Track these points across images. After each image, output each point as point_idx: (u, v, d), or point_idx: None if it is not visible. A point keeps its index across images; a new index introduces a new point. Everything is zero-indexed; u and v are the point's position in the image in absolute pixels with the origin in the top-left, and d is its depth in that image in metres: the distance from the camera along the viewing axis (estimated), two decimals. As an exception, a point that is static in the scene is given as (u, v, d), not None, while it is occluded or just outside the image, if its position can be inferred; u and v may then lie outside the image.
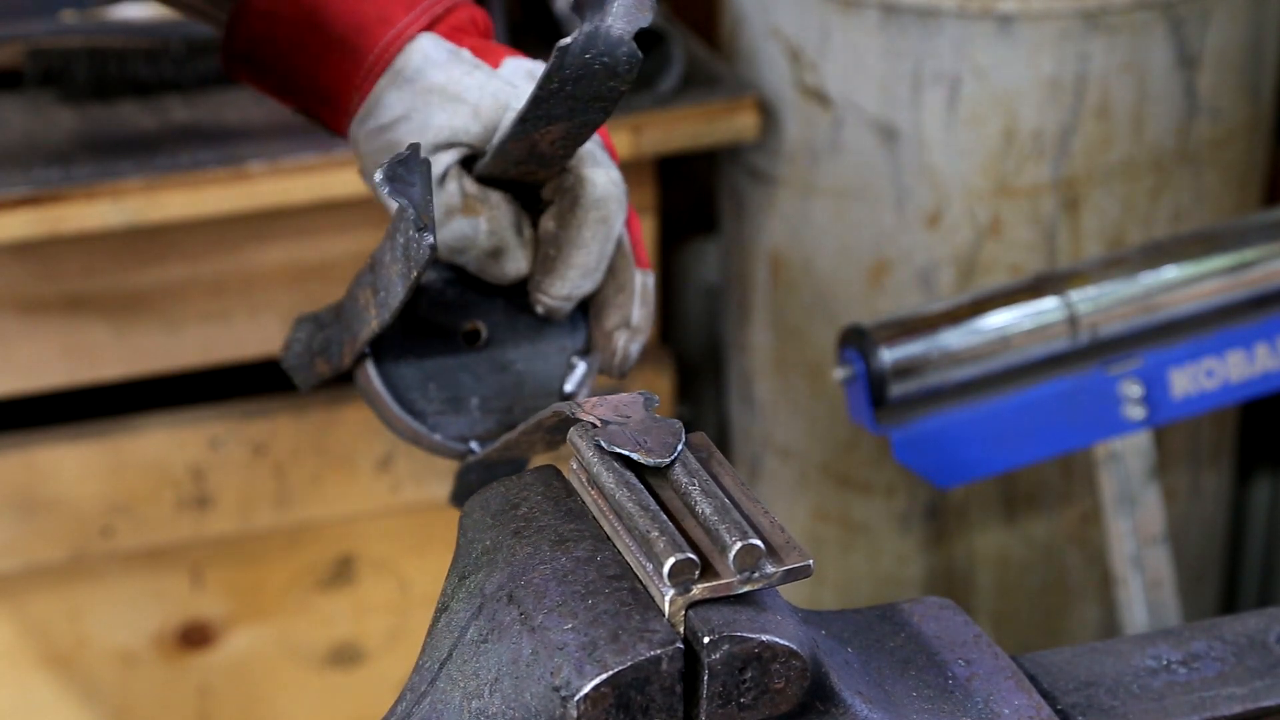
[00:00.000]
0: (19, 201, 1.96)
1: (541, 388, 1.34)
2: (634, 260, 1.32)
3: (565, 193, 1.29)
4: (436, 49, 1.30)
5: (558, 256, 1.29)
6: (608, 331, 1.33)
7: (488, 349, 1.34)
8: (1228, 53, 2.10)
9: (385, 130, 1.30)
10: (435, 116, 1.28)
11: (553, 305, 1.31)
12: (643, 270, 1.32)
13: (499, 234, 1.30)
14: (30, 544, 2.16)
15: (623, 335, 1.32)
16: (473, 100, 1.28)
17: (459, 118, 1.28)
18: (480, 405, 1.33)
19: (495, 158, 1.27)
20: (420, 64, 1.29)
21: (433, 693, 1.06)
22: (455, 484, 1.37)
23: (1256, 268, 1.90)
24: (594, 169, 1.29)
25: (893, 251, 2.13)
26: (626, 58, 1.16)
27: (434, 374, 1.32)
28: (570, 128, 1.22)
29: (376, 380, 1.30)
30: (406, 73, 1.29)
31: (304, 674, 2.31)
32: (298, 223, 2.10)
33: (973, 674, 1.12)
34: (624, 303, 1.32)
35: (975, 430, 1.84)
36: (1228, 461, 2.37)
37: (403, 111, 1.29)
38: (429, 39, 1.30)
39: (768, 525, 1.04)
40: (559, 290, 1.30)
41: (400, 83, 1.29)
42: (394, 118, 1.29)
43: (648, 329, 1.33)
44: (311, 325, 1.34)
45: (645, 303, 1.33)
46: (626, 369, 1.33)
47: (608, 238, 1.29)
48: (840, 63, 2.10)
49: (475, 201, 1.29)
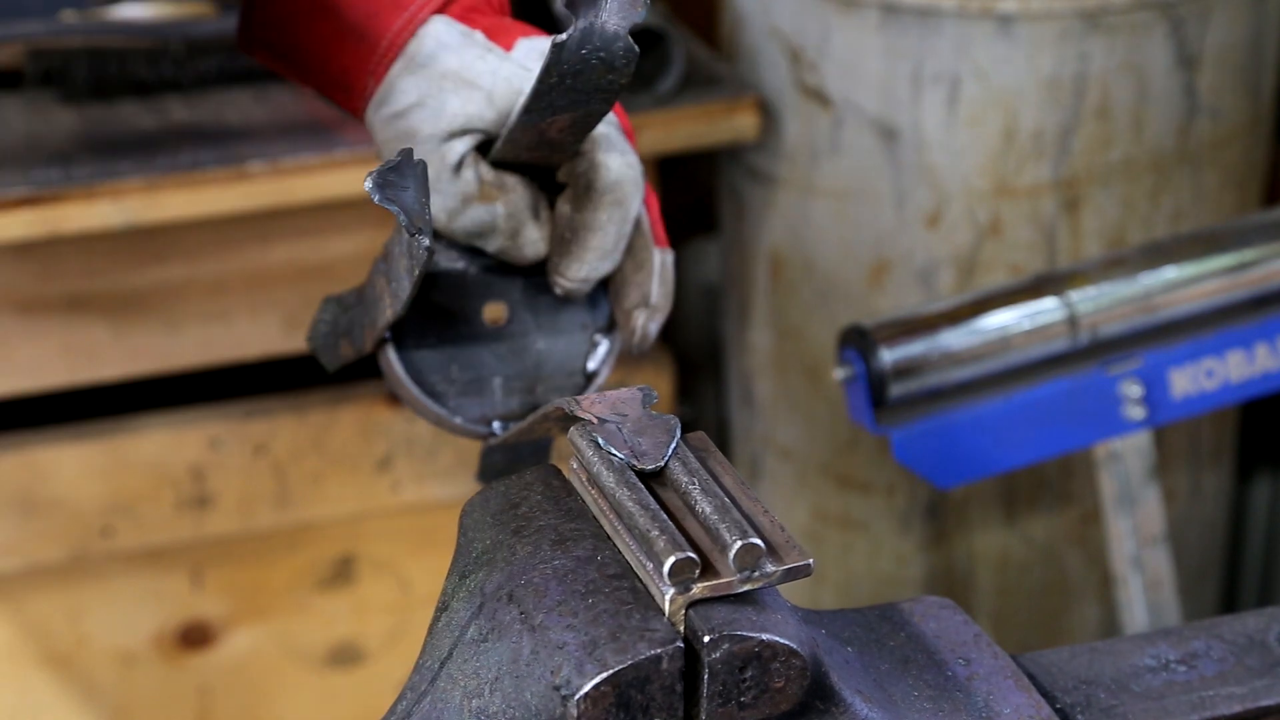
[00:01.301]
0: (19, 201, 1.96)
1: (563, 367, 1.34)
2: (653, 239, 1.32)
3: (580, 177, 1.29)
4: (449, 32, 1.30)
5: (573, 240, 1.30)
6: (626, 310, 1.33)
7: (509, 330, 1.34)
8: (1228, 53, 2.10)
9: (400, 117, 1.30)
10: (449, 103, 1.28)
11: (570, 287, 1.31)
12: (662, 249, 1.33)
13: (516, 217, 1.30)
14: (30, 544, 2.16)
15: (642, 314, 1.32)
16: (486, 85, 1.28)
17: (473, 104, 1.28)
18: (502, 386, 1.33)
19: (506, 144, 1.27)
20: (433, 49, 1.29)
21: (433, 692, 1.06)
22: (480, 464, 1.37)
23: (1256, 268, 1.90)
24: (608, 153, 1.29)
25: (893, 251, 2.13)
26: (623, 52, 1.16)
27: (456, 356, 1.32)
28: (576, 117, 1.22)
29: (397, 364, 1.30)
30: (420, 58, 1.29)
31: (304, 674, 2.31)
32: (298, 223, 2.10)
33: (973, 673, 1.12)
34: (643, 281, 1.32)
35: (975, 430, 1.84)
36: (1228, 461, 2.37)
37: (417, 98, 1.29)
38: (442, 22, 1.30)
39: (768, 524, 1.04)
40: (575, 273, 1.30)
41: (414, 68, 1.29)
42: (409, 104, 1.29)
43: (667, 308, 1.33)
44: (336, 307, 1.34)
45: (664, 281, 1.33)
46: (646, 347, 1.33)
47: (624, 220, 1.29)
48: (840, 63, 2.10)
49: (492, 188, 1.29)
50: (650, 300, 1.32)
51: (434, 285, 1.32)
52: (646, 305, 1.32)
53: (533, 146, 1.26)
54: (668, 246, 1.33)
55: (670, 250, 1.33)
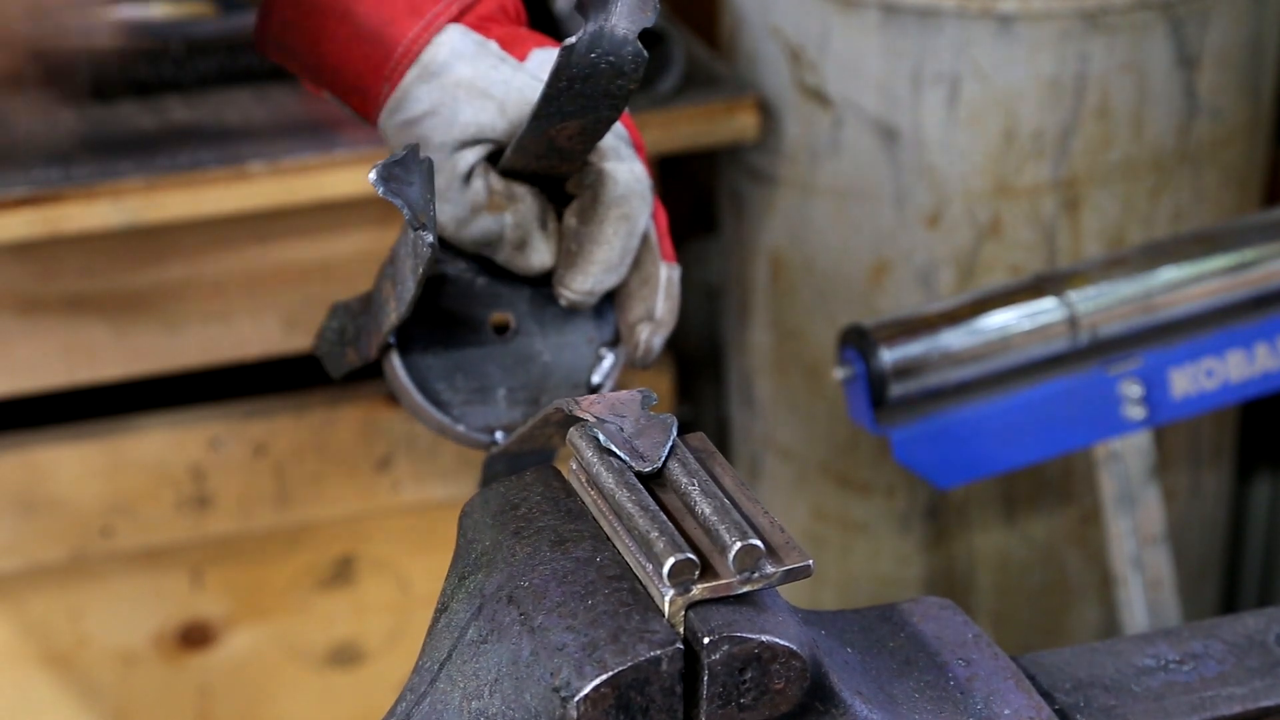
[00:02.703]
0: (19, 201, 1.96)
1: (567, 379, 1.34)
2: (659, 253, 1.32)
3: (587, 188, 1.29)
4: (464, 41, 1.30)
5: (579, 252, 1.30)
6: (631, 324, 1.33)
7: (515, 340, 1.34)
8: (1228, 53, 2.10)
9: (413, 124, 1.30)
10: (462, 112, 1.28)
11: (575, 299, 1.31)
12: (668, 264, 1.33)
13: (524, 227, 1.30)
14: (30, 544, 2.16)
15: (646, 328, 1.33)
16: (499, 95, 1.28)
17: (485, 114, 1.28)
18: (507, 396, 1.33)
19: (515, 153, 1.27)
20: (448, 57, 1.29)
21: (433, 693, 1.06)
22: (482, 474, 1.37)
23: (1256, 268, 1.90)
24: (616, 164, 1.29)
25: (893, 251, 2.13)
26: (632, 56, 1.16)
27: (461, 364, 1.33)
28: (585, 124, 1.22)
29: (401, 371, 1.30)
30: (434, 66, 1.29)
31: (304, 674, 2.31)
32: (298, 223, 2.10)
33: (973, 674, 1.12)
34: (648, 295, 1.33)
35: (975, 430, 1.84)
36: (1228, 461, 2.37)
37: (430, 106, 1.29)
38: (457, 30, 1.30)
39: (767, 525, 1.04)
40: (581, 285, 1.30)
41: (428, 76, 1.29)
42: (422, 112, 1.29)
43: (672, 322, 1.33)
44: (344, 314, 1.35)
45: (670, 296, 1.33)
46: (649, 362, 1.34)
47: (631, 234, 1.29)
48: (840, 63, 2.10)
49: (500, 198, 1.29)
50: (655, 315, 1.33)
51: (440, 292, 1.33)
52: (651, 320, 1.33)
53: (542, 155, 1.26)
54: (674, 261, 1.34)
55: (677, 266, 1.34)
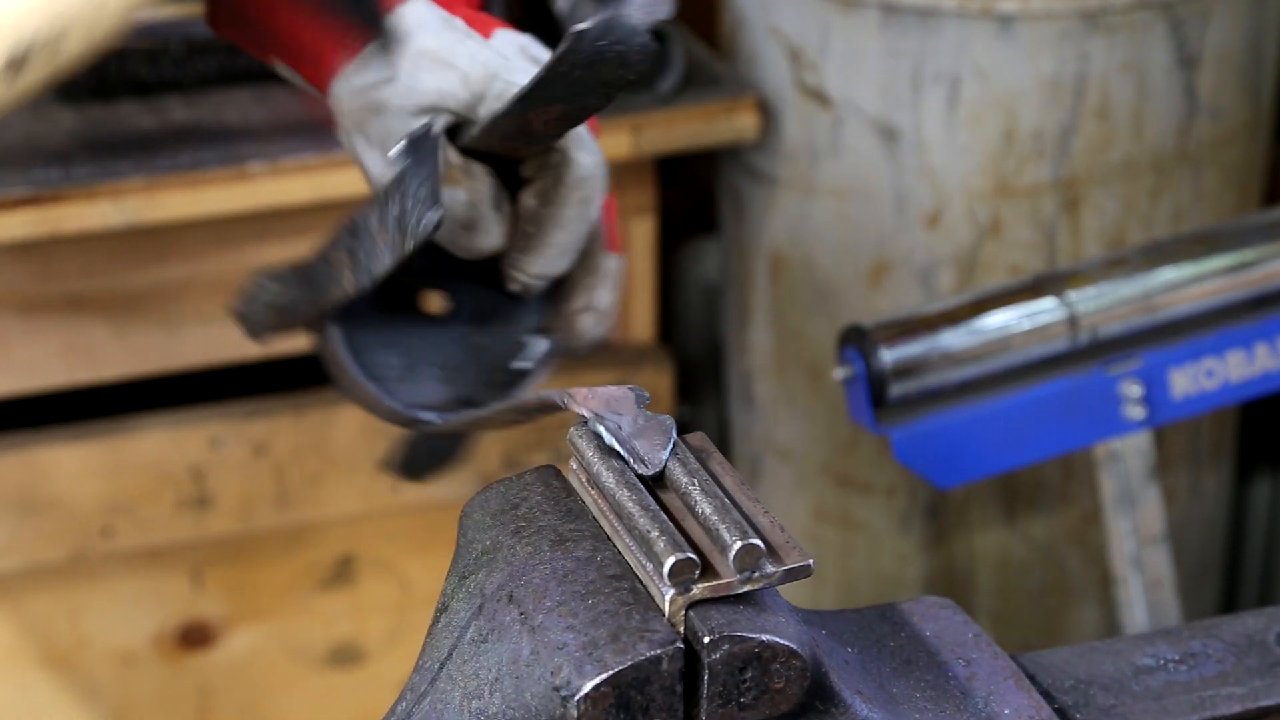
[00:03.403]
0: (19, 201, 1.96)
1: (499, 363, 1.33)
2: (606, 243, 1.32)
3: (549, 170, 1.28)
4: (430, 14, 1.29)
5: (537, 234, 1.29)
6: (573, 312, 1.32)
7: (451, 321, 1.33)
8: (1228, 53, 2.10)
9: (371, 89, 1.28)
10: (423, 80, 1.27)
11: (527, 282, 1.30)
12: (614, 254, 1.32)
13: (477, 207, 1.29)
14: (30, 544, 2.16)
15: (588, 318, 1.32)
16: (463, 67, 1.27)
17: (447, 82, 1.27)
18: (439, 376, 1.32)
19: (485, 131, 1.26)
20: (411, 27, 1.28)
21: (433, 693, 1.06)
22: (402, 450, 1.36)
23: (1256, 268, 1.90)
24: (580, 150, 1.28)
25: (893, 251, 2.13)
26: (640, 48, 1.16)
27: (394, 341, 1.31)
28: (569, 110, 1.21)
29: (339, 343, 1.29)
30: (396, 34, 1.28)
31: (304, 674, 2.31)
32: (298, 223, 2.09)
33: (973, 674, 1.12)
34: (592, 284, 1.32)
35: (975, 430, 1.84)
36: (1228, 461, 2.37)
37: (390, 72, 1.28)
38: (423, 4, 1.29)
39: (768, 525, 1.04)
40: (535, 268, 1.29)
41: (390, 44, 1.28)
42: (380, 78, 1.28)
43: (614, 313, 1.33)
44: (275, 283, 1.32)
45: (614, 287, 1.32)
46: (590, 352, 1.33)
47: (587, 219, 1.29)
48: (840, 63, 2.10)
49: (457, 172, 1.28)
50: (598, 305, 1.32)
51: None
52: (593, 309, 1.32)
53: (510, 137, 1.25)
54: (620, 252, 1.33)
55: (622, 256, 1.33)
